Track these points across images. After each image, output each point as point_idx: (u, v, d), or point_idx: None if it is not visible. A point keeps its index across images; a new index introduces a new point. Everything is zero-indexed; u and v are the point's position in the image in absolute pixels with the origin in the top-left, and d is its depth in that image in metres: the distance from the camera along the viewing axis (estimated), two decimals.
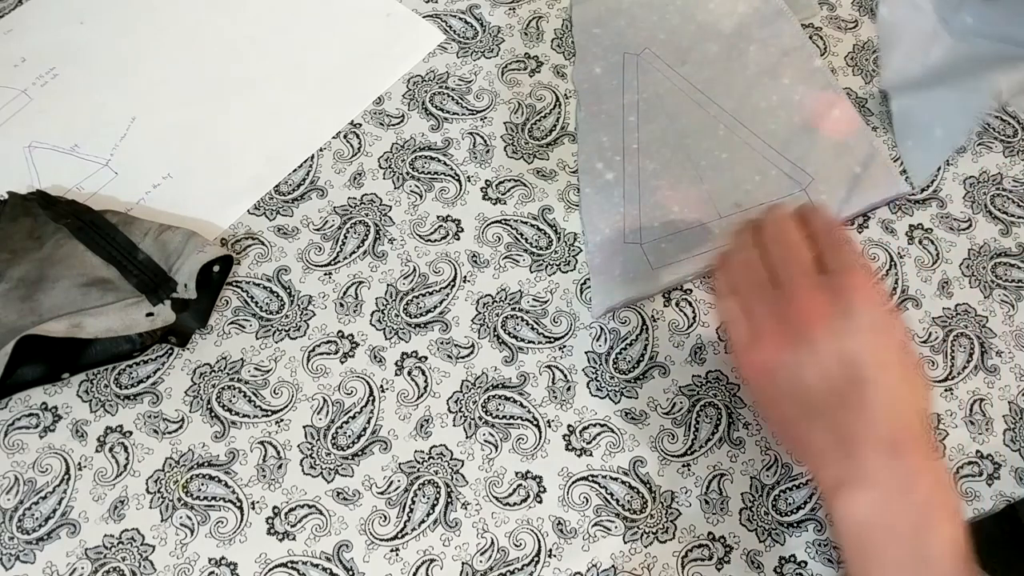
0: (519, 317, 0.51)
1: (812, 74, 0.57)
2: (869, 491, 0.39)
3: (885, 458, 0.39)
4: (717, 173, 0.54)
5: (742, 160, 0.54)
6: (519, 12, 0.61)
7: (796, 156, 0.54)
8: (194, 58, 0.59)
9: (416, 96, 0.57)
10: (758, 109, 0.56)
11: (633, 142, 0.55)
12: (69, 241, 0.48)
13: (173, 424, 0.48)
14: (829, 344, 0.40)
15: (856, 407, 0.40)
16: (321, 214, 0.53)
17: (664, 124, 0.55)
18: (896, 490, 0.39)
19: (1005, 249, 0.53)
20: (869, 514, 0.39)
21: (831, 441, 0.40)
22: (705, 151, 0.55)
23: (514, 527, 0.46)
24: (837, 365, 0.40)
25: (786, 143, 0.55)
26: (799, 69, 0.57)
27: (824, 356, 0.40)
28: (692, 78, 0.57)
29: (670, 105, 0.56)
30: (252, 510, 0.46)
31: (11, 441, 0.47)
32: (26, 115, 0.56)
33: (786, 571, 0.45)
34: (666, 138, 0.55)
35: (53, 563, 0.45)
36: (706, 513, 0.46)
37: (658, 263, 0.51)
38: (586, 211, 0.53)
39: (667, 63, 0.58)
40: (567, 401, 0.49)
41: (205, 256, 0.48)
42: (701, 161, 0.54)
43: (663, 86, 0.57)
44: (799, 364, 0.40)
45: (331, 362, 0.49)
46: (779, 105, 0.56)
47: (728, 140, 0.55)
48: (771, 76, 0.57)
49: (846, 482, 0.39)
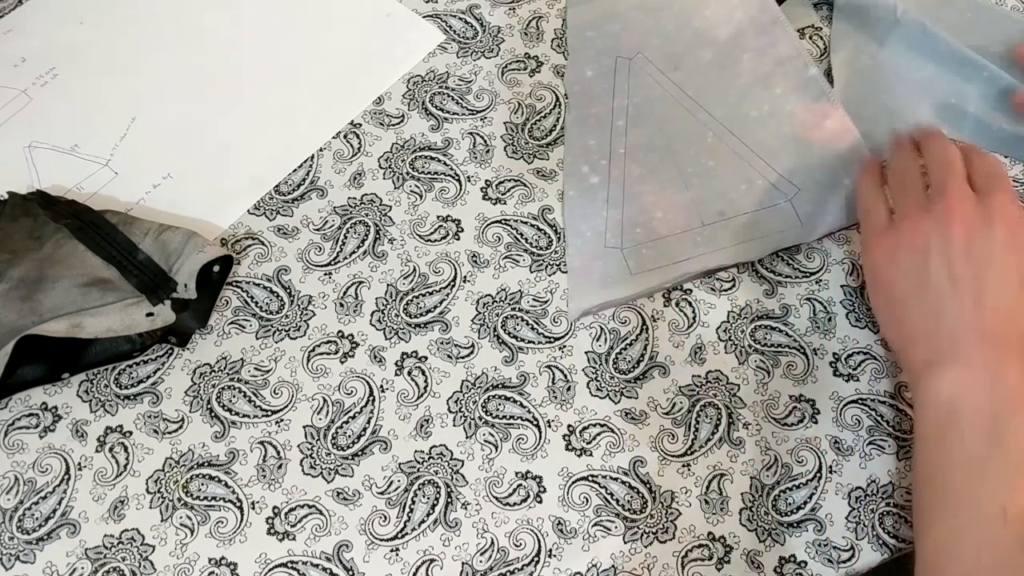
0: (519, 317, 0.51)
1: (806, 84, 0.56)
2: (959, 370, 0.41)
3: (981, 345, 0.41)
4: (703, 180, 0.53)
5: (729, 169, 0.54)
6: (519, 12, 0.61)
7: (784, 167, 0.54)
8: (194, 58, 0.59)
9: (416, 96, 0.57)
10: (748, 118, 0.55)
11: (620, 146, 0.55)
12: (69, 241, 0.48)
13: (173, 424, 0.48)
14: (963, 241, 0.43)
15: (968, 299, 0.42)
16: (321, 214, 0.53)
17: (653, 129, 0.55)
18: (986, 373, 0.40)
19: None
20: (954, 391, 0.40)
21: (932, 322, 0.42)
22: (692, 158, 0.54)
23: (514, 527, 0.46)
24: (964, 259, 0.43)
25: (775, 153, 0.54)
26: (793, 79, 0.56)
27: (955, 248, 0.43)
28: (684, 84, 0.57)
29: (660, 110, 0.56)
30: (252, 510, 0.46)
31: (11, 441, 0.47)
32: (26, 115, 0.56)
33: (786, 571, 0.45)
34: (653, 143, 0.55)
35: (53, 563, 0.45)
36: (706, 513, 0.46)
37: (637, 268, 0.51)
38: (569, 214, 0.53)
39: (659, 68, 0.57)
40: (567, 401, 0.49)
41: (205, 256, 0.48)
42: (687, 168, 0.54)
43: (654, 91, 0.57)
44: (929, 250, 0.43)
45: (331, 362, 0.49)
46: (770, 115, 0.55)
47: (716, 148, 0.54)
48: (764, 85, 0.56)
49: (937, 360, 0.41)
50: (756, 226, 0.52)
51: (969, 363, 0.41)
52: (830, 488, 0.47)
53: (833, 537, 0.46)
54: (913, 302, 0.43)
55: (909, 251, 0.44)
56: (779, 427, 0.48)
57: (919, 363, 0.42)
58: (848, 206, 0.52)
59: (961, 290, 0.42)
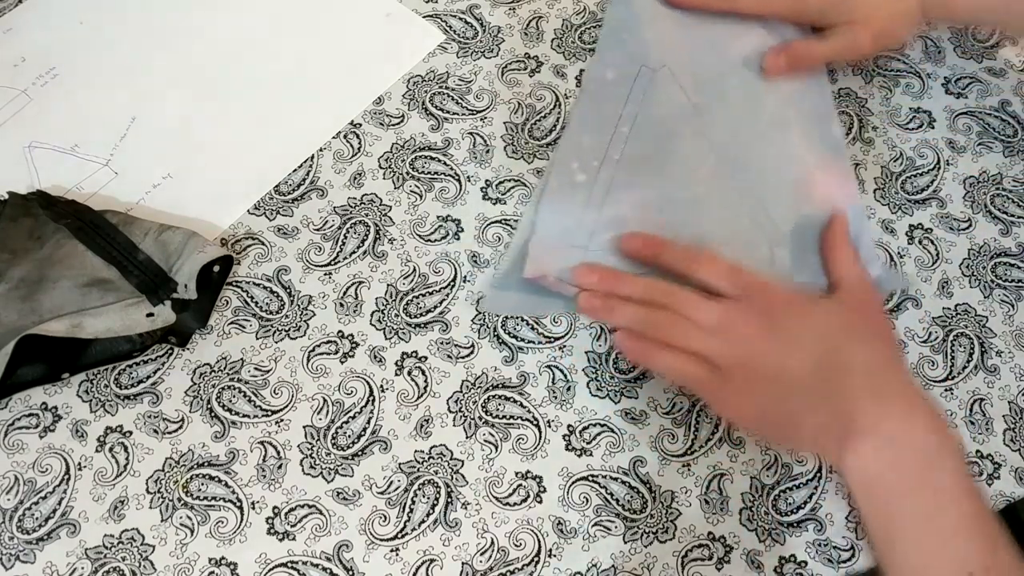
0: (519, 317, 0.51)
1: (822, 138, 0.54)
2: (871, 441, 0.41)
3: (876, 410, 0.41)
4: (687, 206, 0.52)
5: (718, 199, 0.52)
6: (519, 12, 0.61)
7: (776, 211, 0.52)
8: (194, 58, 0.59)
9: (416, 96, 0.57)
10: (757, 155, 0.54)
11: (616, 153, 0.53)
12: (69, 241, 0.48)
13: (173, 424, 0.48)
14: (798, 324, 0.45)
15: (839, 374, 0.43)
16: (321, 214, 0.53)
17: (655, 144, 0.54)
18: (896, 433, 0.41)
19: (1005, 249, 0.53)
20: (877, 462, 0.41)
21: (826, 413, 0.42)
22: (683, 180, 0.53)
23: (514, 527, 0.46)
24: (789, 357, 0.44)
25: (772, 196, 0.52)
26: (813, 133, 0.55)
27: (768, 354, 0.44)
28: (701, 107, 0.55)
29: (668, 127, 0.54)
30: (252, 510, 0.46)
31: (11, 441, 0.47)
32: (26, 115, 0.56)
33: (786, 571, 0.45)
34: (650, 157, 0.53)
35: (53, 563, 0.45)
36: (706, 513, 0.46)
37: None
38: (545, 205, 0.52)
39: (681, 86, 0.56)
40: (567, 401, 0.49)
41: (205, 256, 0.48)
42: (676, 189, 0.52)
43: (668, 107, 0.55)
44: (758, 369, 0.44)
45: (331, 362, 0.49)
46: (778, 157, 0.54)
47: (712, 175, 0.53)
48: (781, 130, 0.54)
49: (848, 441, 0.41)
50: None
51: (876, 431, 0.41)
52: (830, 488, 0.47)
53: (833, 537, 0.46)
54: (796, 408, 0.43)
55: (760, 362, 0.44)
56: None
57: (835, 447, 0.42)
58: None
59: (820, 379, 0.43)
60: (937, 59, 0.60)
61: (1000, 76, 0.59)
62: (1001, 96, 0.58)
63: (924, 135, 0.57)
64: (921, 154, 0.56)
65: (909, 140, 0.56)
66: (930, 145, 0.56)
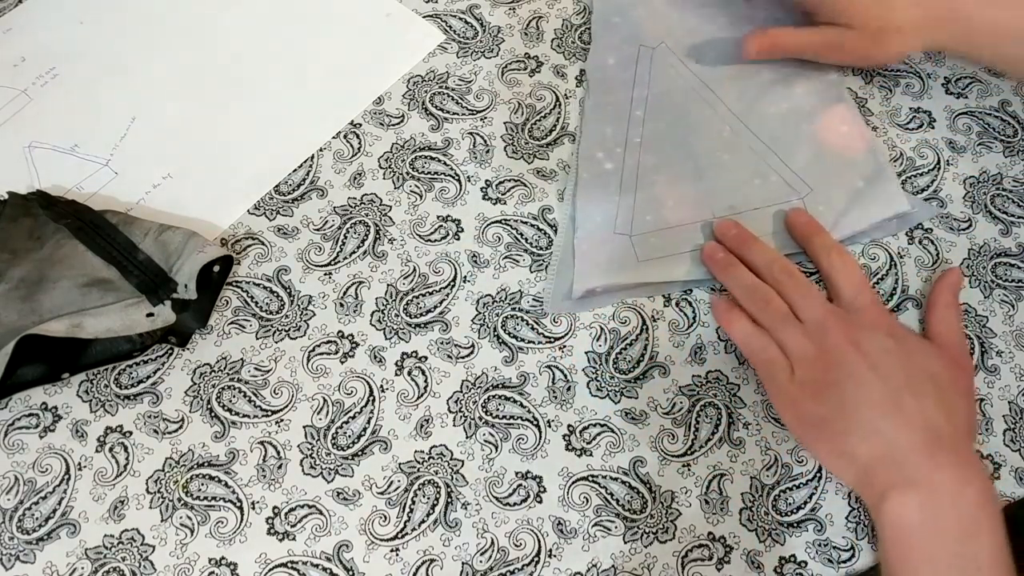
0: (519, 317, 0.51)
1: (827, 87, 0.56)
2: (919, 494, 0.40)
3: (932, 464, 0.41)
4: (716, 173, 0.54)
5: (743, 163, 0.54)
6: (519, 12, 0.61)
7: (799, 165, 0.54)
8: (194, 58, 0.59)
9: (416, 96, 0.57)
10: (766, 114, 0.55)
11: (636, 136, 0.55)
12: (69, 241, 0.48)
13: (173, 424, 0.48)
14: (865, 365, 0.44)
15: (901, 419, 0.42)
16: (321, 214, 0.53)
17: (670, 120, 0.55)
18: (946, 494, 0.40)
19: (1005, 249, 0.53)
20: (919, 516, 0.40)
21: (882, 447, 0.42)
22: (707, 151, 0.54)
23: (514, 527, 0.46)
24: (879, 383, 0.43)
25: (790, 151, 0.54)
26: (813, 81, 0.56)
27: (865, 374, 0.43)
28: (704, 76, 0.57)
29: (678, 101, 0.56)
30: (252, 510, 0.46)
31: (11, 441, 0.47)
32: (26, 115, 0.56)
33: (786, 571, 0.45)
34: (669, 134, 0.55)
35: (53, 563, 0.45)
36: (706, 513, 0.46)
37: (644, 256, 0.51)
38: (581, 197, 0.53)
39: (681, 59, 0.57)
40: (567, 401, 0.49)
41: (205, 256, 0.48)
42: (702, 160, 0.54)
43: (674, 82, 0.57)
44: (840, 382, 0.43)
45: (331, 362, 0.49)
46: (788, 113, 0.55)
47: (732, 142, 0.55)
48: (784, 84, 0.56)
49: (896, 486, 0.41)
50: (766, 222, 0.52)
51: (928, 486, 0.40)
52: (830, 488, 0.47)
53: (833, 537, 0.46)
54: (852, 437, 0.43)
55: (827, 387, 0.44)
56: (779, 427, 0.48)
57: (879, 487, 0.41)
58: (863, 209, 0.52)
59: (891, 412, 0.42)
60: (937, 59, 0.60)
61: (1000, 76, 0.59)
62: (1001, 96, 0.58)
63: (924, 135, 0.57)
64: (921, 154, 0.56)
65: (909, 140, 0.56)
66: (930, 145, 0.56)
